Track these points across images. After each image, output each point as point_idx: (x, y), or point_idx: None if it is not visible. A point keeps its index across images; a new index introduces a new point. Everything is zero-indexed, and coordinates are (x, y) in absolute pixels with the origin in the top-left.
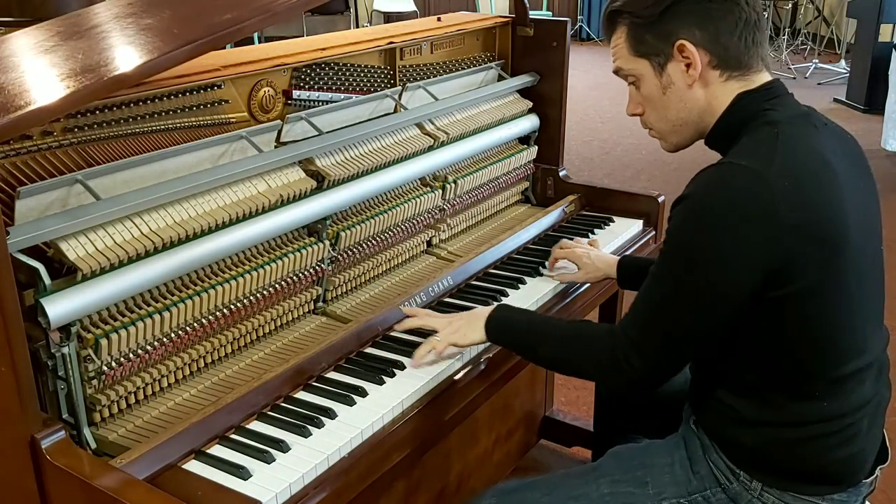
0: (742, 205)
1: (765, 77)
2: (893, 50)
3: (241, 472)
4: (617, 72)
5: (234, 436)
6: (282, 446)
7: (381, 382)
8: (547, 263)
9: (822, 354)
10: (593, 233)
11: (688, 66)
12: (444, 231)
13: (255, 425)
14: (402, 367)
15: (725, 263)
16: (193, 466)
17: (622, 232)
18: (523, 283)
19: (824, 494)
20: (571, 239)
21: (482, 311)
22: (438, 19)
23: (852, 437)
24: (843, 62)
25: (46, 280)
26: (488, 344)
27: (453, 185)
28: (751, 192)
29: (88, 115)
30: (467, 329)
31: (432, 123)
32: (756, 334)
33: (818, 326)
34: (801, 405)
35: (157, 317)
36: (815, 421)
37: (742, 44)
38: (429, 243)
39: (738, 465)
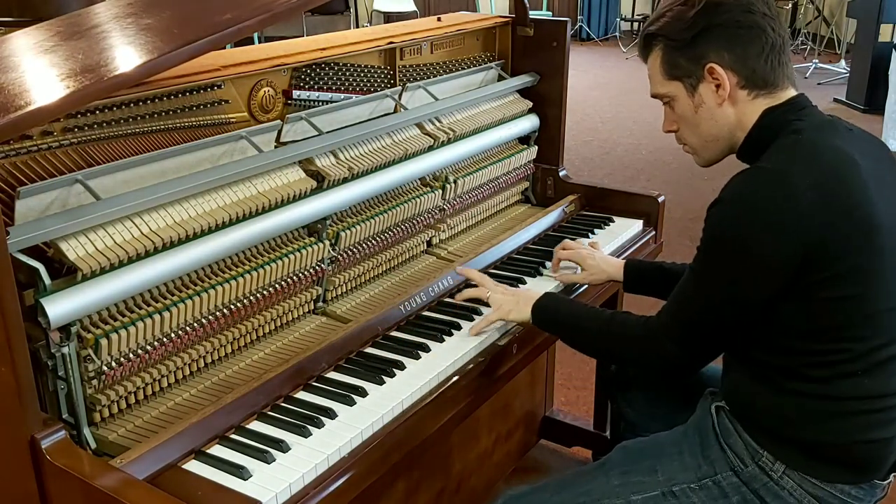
0: (769, 200)
1: (791, 93)
2: (893, 50)
3: (241, 472)
4: (654, 96)
5: (234, 436)
6: (282, 446)
7: (381, 382)
8: (550, 264)
9: (863, 336)
10: (593, 233)
11: (717, 86)
12: (444, 231)
13: (255, 425)
14: (402, 366)
15: (756, 254)
16: (193, 466)
17: (622, 232)
18: (523, 283)
19: (844, 484)
20: (574, 240)
21: (531, 295)
22: (438, 19)
23: (888, 422)
24: (843, 62)
25: (46, 280)
26: (493, 341)
27: (453, 184)
28: (775, 188)
29: (88, 115)
30: (516, 310)
31: (432, 123)
32: (798, 319)
33: (858, 309)
34: (842, 382)
35: (157, 317)
36: (855, 397)
37: (768, 65)
38: (429, 243)
39: (764, 445)
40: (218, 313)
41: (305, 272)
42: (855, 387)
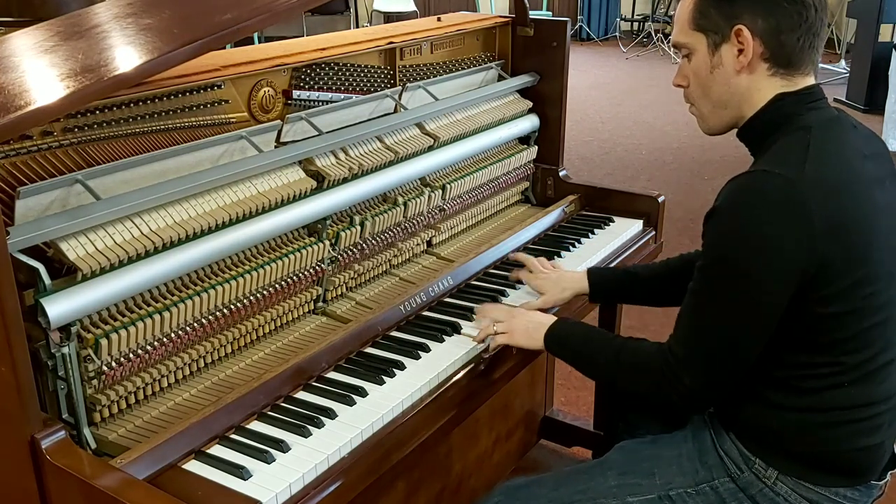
0: (776, 213)
1: (808, 81)
2: (893, 50)
3: (241, 472)
4: (674, 45)
5: (234, 436)
6: (282, 446)
7: (381, 382)
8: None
9: (855, 349)
10: (593, 233)
11: (740, 51)
12: (443, 231)
13: (255, 425)
14: (402, 366)
15: (764, 273)
16: (193, 466)
17: (622, 232)
18: (522, 283)
19: (838, 487)
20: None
21: (544, 321)
22: (438, 19)
23: (876, 429)
24: (843, 62)
25: (46, 280)
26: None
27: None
28: (784, 200)
29: (88, 115)
30: (526, 337)
31: (432, 123)
32: (796, 333)
33: (854, 324)
34: (830, 393)
35: (157, 317)
36: (843, 407)
37: (798, 45)
38: (429, 243)
39: (755, 453)
40: (218, 313)
41: (305, 272)
42: (842, 397)
